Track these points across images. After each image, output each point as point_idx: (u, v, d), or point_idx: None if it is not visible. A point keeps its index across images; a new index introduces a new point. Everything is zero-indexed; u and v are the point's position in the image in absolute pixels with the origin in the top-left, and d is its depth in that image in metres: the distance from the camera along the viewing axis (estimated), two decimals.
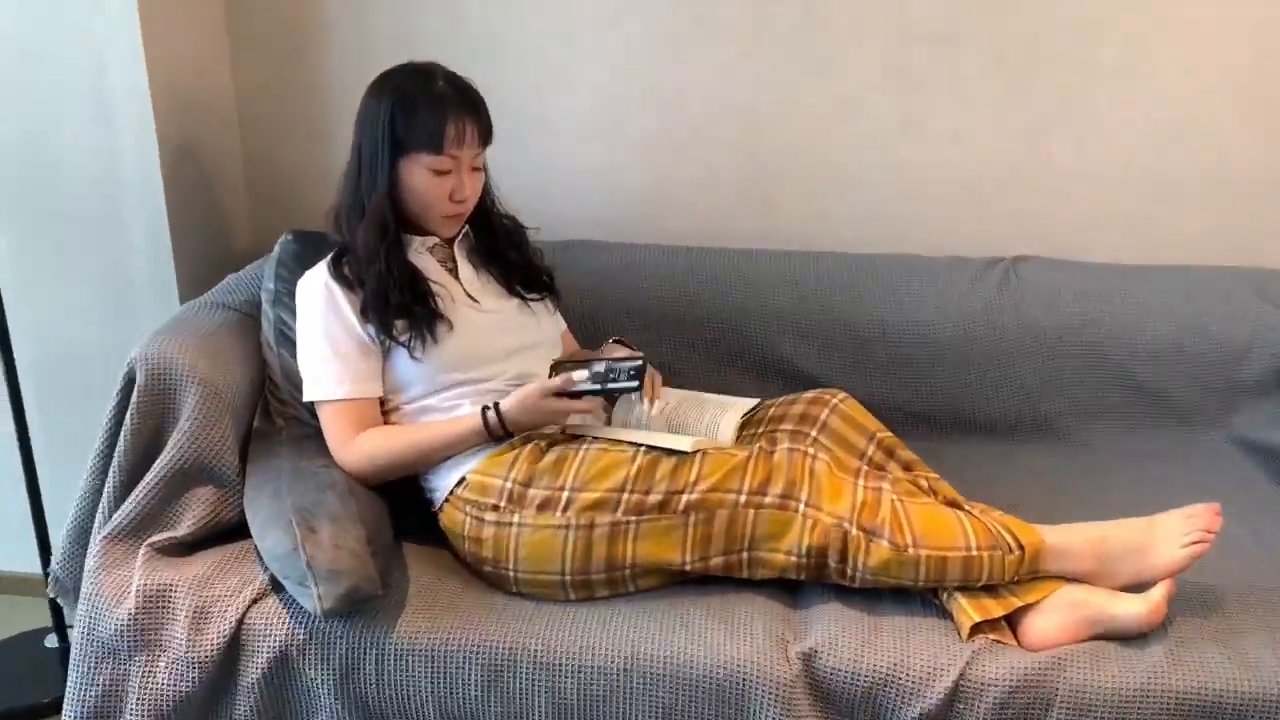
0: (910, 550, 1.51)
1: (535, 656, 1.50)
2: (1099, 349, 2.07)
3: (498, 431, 1.63)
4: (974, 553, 1.51)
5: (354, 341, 1.68)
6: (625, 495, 1.55)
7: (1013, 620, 1.53)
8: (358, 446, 1.66)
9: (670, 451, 1.58)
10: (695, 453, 1.58)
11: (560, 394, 1.62)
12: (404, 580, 1.60)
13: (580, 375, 1.65)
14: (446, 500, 1.65)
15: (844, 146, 2.20)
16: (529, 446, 1.63)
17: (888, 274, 2.13)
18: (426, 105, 1.64)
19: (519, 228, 1.88)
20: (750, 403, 1.82)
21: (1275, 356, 2.03)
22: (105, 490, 1.67)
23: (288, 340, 1.79)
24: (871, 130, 2.18)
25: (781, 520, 1.53)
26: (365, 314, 1.67)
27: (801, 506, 1.53)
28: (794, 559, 1.54)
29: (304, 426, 1.76)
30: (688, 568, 1.56)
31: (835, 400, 1.74)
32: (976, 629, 1.50)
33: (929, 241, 2.21)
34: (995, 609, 1.51)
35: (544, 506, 1.56)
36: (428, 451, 1.65)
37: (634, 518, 1.54)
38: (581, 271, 2.13)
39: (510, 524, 1.57)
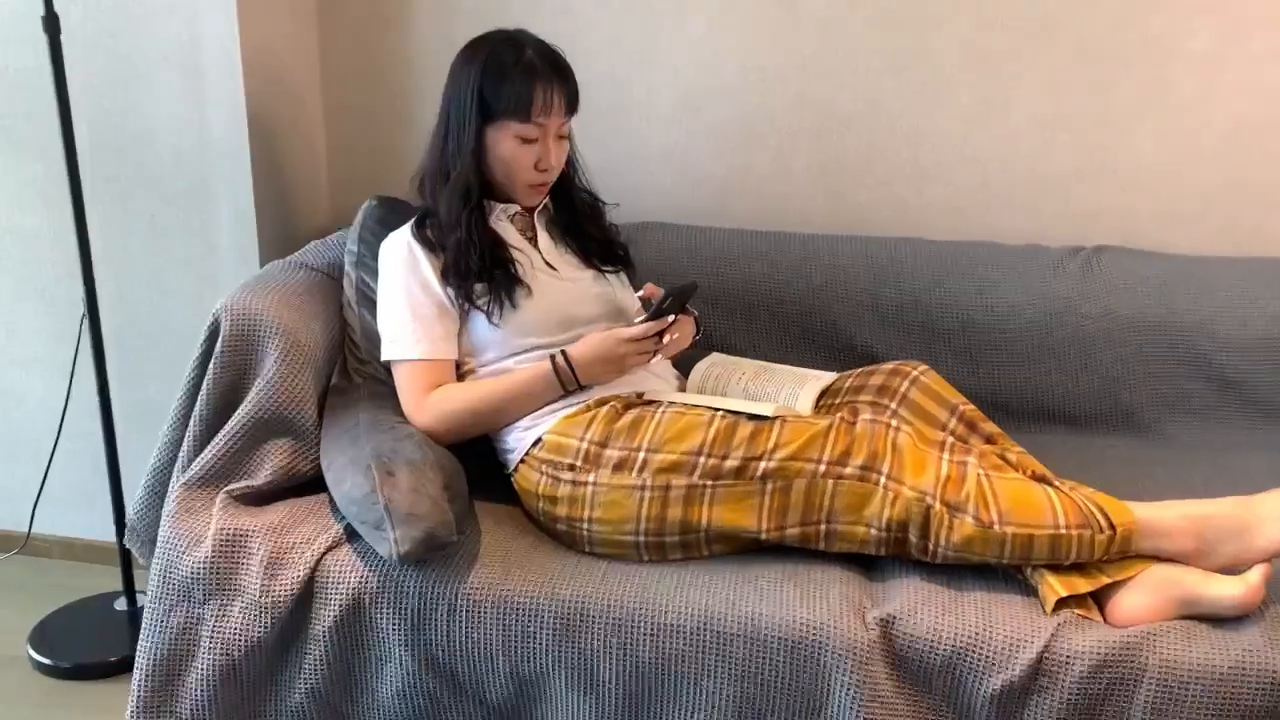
0: (996, 527, 1.47)
1: (608, 613, 1.49)
2: (1182, 340, 2.02)
3: (567, 375, 1.64)
4: (1063, 531, 1.47)
5: (433, 303, 1.69)
6: (702, 459, 1.53)
7: (1100, 597, 1.48)
8: (431, 404, 1.67)
9: (750, 416, 1.56)
10: (775, 419, 1.56)
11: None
12: (477, 534, 1.60)
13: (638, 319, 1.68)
14: (522, 461, 1.65)
15: (922, 135, 2.18)
16: (605, 408, 1.62)
17: (967, 261, 2.11)
18: (516, 72, 1.66)
19: (598, 203, 1.89)
20: (829, 376, 1.80)
21: None
22: (185, 439, 1.69)
23: (369, 301, 1.81)
24: (951, 118, 2.17)
25: (862, 492, 1.50)
26: (446, 277, 1.69)
27: (883, 479, 1.50)
28: (874, 532, 1.51)
29: (381, 385, 1.78)
30: (763, 536, 1.54)
31: (915, 372, 1.71)
32: (1062, 604, 1.46)
33: (1007, 230, 2.18)
34: (1082, 585, 1.47)
35: (619, 467, 1.55)
36: (500, 403, 1.65)
37: (710, 482, 1.53)
38: (656, 252, 2.13)
39: (586, 483, 1.56)
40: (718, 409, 1.59)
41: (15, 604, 2.25)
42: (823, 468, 1.51)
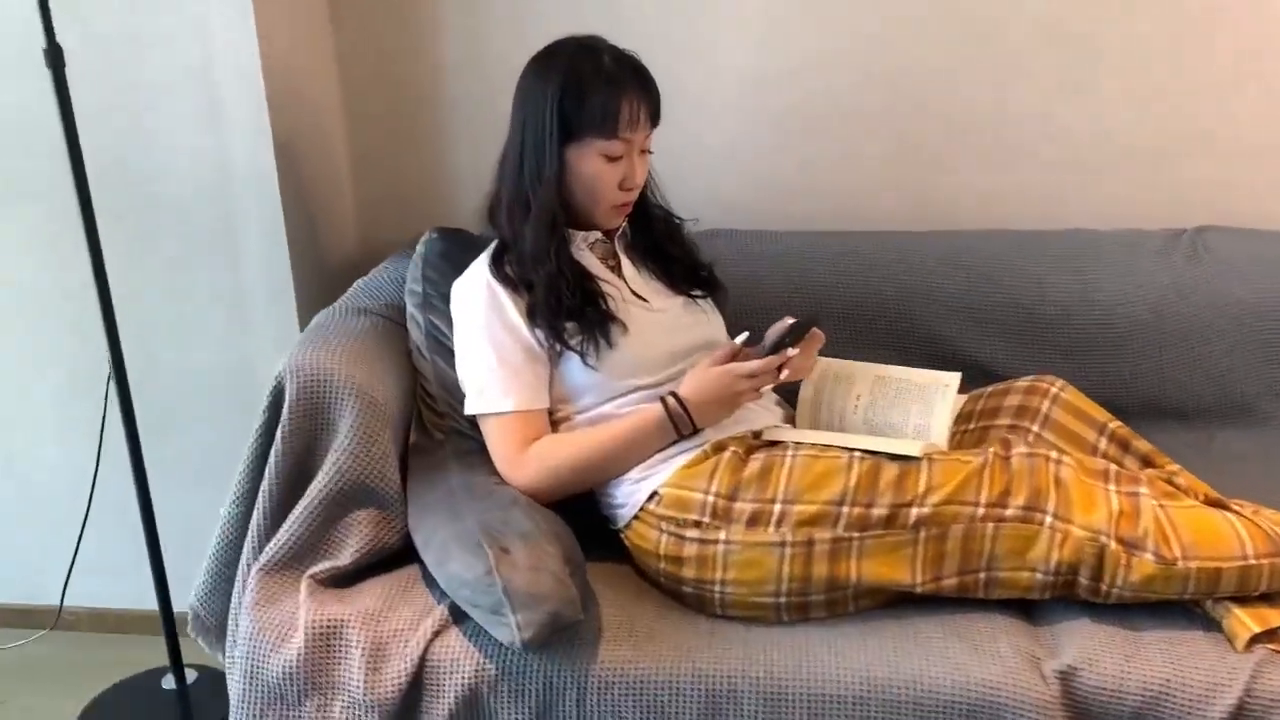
0: (1180, 564, 1.33)
1: (758, 686, 1.34)
2: None
3: (681, 419, 1.48)
4: (1252, 561, 1.34)
5: (521, 348, 1.52)
6: (845, 508, 1.38)
7: None
8: (531, 460, 1.50)
9: (894, 456, 1.42)
10: (921, 459, 1.41)
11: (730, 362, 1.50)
12: (595, 604, 1.44)
13: (741, 338, 1.52)
14: (636, 517, 1.49)
15: (1003, 114, 2.03)
16: (727, 454, 1.46)
17: (1062, 250, 1.96)
18: (598, 85, 1.49)
19: (673, 219, 1.72)
20: (953, 383, 1.61)
21: None
22: (254, 518, 1.51)
23: (441, 347, 1.64)
24: (1033, 95, 2.02)
25: (1026, 535, 1.36)
26: (532, 317, 1.52)
27: (1048, 519, 1.36)
28: (1040, 577, 1.37)
29: (467, 440, 1.61)
30: (919, 589, 1.40)
31: (1054, 389, 1.57)
32: (1255, 640, 1.33)
33: (1100, 214, 2.03)
34: (1276, 617, 1.34)
35: (754, 521, 1.40)
36: (608, 455, 1.49)
37: (857, 534, 1.38)
38: (728, 262, 1.96)
39: (716, 542, 1.41)
40: (854, 449, 1.44)
41: (56, 688, 2.07)
42: (981, 510, 1.37)
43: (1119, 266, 1.94)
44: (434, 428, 1.64)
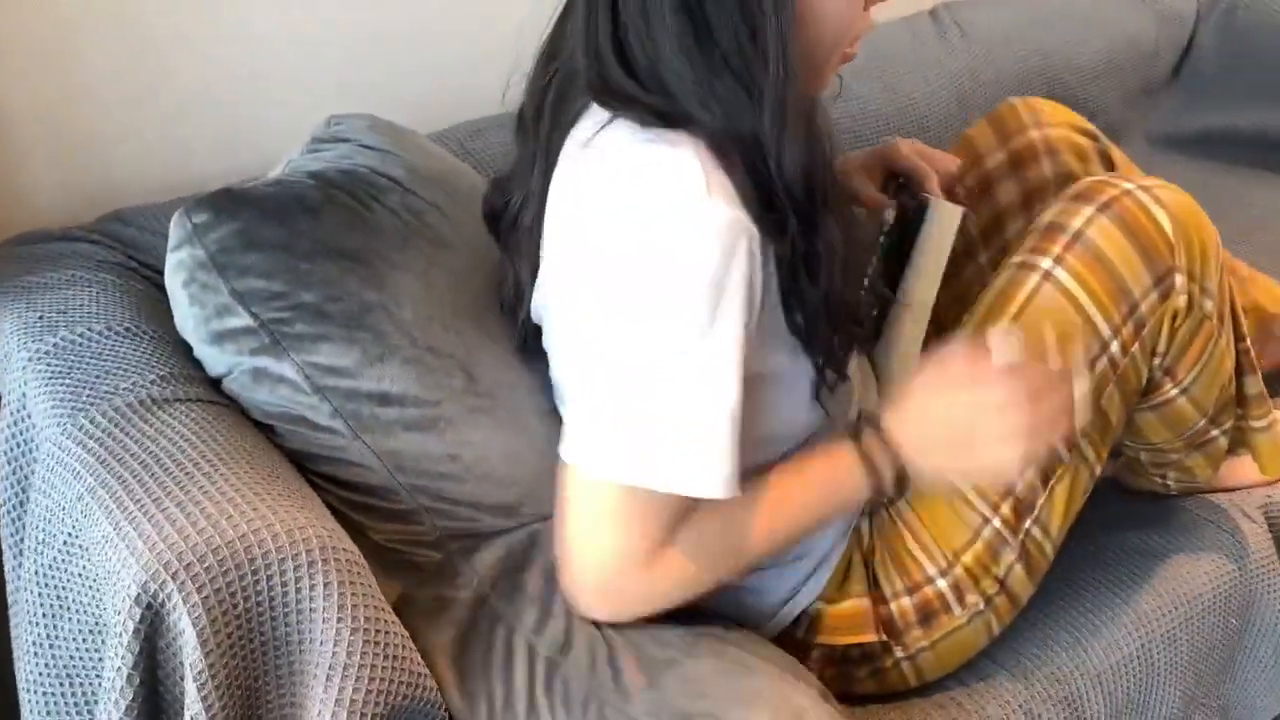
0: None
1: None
2: None
3: (883, 470, 0.91)
4: None
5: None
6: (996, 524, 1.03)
7: None
8: (673, 559, 0.87)
9: None
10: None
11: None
12: None
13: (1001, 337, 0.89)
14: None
15: None
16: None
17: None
18: None
19: None
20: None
21: None
22: None
23: (376, 420, 0.95)
24: None
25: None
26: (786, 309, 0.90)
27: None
28: None
29: (475, 540, 0.96)
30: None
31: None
32: None
33: None
34: None
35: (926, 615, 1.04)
36: (788, 532, 0.93)
37: (1030, 524, 1.04)
38: None
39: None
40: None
41: None
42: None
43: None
44: (400, 545, 0.96)
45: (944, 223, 1.09)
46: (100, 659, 0.83)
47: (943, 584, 1.00)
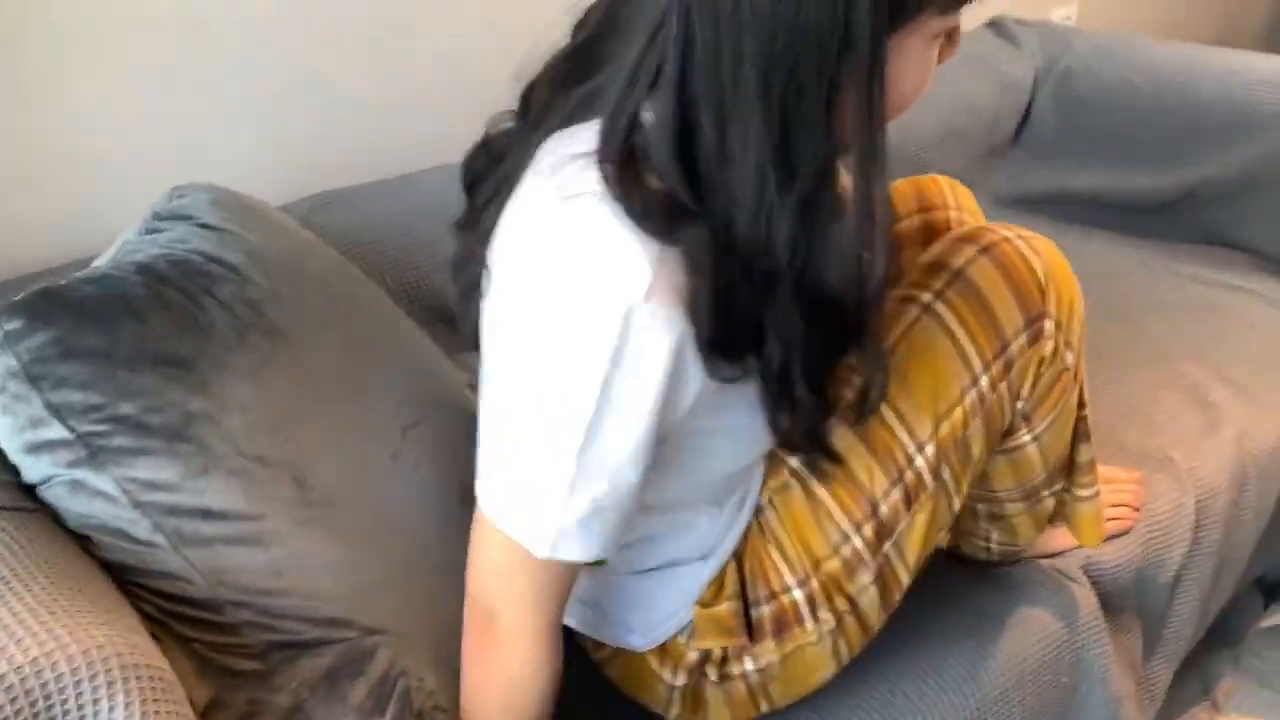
0: None
1: None
2: None
3: None
4: None
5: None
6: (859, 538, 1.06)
7: None
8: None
9: None
10: None
11: None
12: None
13: None
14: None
15: None
16: None
17: None
18: None
19: None
20: None
21: None
22: None
23: (195, 534, 0.92)
24: None
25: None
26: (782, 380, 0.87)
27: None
28: None
29: (291, 652, 0.94)
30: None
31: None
32: None
33: None
34: None
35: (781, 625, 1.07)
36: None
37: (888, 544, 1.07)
38: None
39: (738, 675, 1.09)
40: None
41: None
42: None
43: None
44: (220, 654, 0.93)
45: None
46: None
47: (799, 594, 1.02)
